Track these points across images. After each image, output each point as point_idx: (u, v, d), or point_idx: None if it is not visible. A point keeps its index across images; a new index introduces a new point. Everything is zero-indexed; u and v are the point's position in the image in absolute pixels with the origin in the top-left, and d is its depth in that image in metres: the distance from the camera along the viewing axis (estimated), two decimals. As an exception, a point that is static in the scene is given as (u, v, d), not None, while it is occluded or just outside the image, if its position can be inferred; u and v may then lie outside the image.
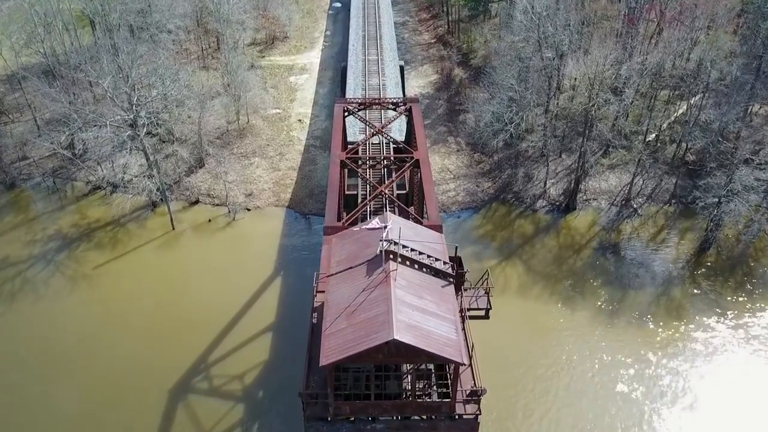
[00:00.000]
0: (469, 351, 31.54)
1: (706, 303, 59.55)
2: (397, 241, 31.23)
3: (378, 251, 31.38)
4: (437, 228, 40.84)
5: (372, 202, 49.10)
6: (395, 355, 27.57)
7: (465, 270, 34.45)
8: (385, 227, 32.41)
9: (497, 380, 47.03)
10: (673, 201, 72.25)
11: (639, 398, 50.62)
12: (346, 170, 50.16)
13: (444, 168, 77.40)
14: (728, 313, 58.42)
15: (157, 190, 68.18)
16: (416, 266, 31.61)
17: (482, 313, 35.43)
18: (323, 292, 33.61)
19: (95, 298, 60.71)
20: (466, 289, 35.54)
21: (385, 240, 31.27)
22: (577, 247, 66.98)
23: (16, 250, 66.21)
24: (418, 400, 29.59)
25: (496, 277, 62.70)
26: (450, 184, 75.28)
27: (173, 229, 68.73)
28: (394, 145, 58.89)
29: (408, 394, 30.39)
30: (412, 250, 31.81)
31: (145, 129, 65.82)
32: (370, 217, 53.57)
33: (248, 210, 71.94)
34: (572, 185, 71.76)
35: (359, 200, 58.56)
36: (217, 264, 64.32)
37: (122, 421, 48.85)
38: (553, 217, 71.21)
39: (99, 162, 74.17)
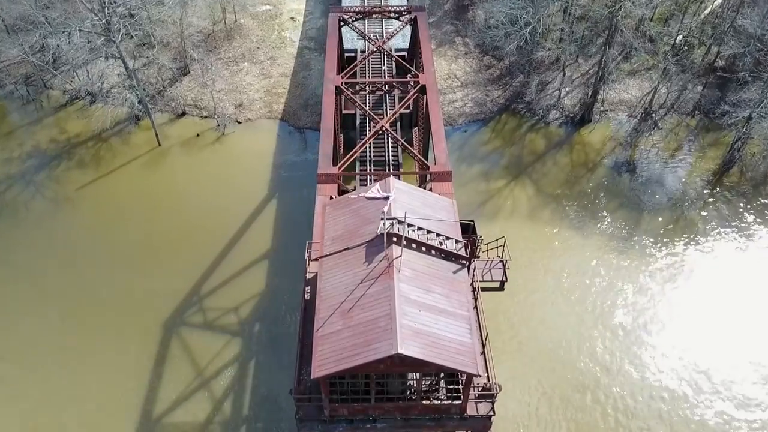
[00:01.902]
0: (482, 340, 28.13)
1: (725, 226, 56.16)
2: (402, 219, 26.76)
3: (379, 231, 27.05)
4: (446, 175, 36.46)
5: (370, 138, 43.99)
6: (399, 366, 24.13)
7: (479, 237, 30.37)
8: (387, 198, 27.83)
9: (492, 306, 43.77)
10: (697, 113, 66.72)
11: (639, 327, 48.48)
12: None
13: (450, 74, 71.05)
14: (748, 238, 55.19)
15: (139, 102, 62.53)
16: (423, 249, 27.41)
17: (497, 285, 31.71)
18: (317, 260, 29.86)
19: (79, 221, 57.10)
20: (478, 257, 31.54)
21: (387, 218, 26.80)
22: (591, 165, 62.57)
23: (-8, 169, 61.92)
24: (425, 401, 26.48)
25: (504, 199, 59.05)
26: (457, 93, 69.34)
27: (159, 145, 63.83)
28: (398, 54, 53.08)
29: (413, 392, 27.23)
30: (419, 228, 27.43)
31: (120, 34, 59.10)
32: (369, 148, 49.39)
33: (239, 123, 66.65)
34: (589, 95, 65.96)
35: (357, 123, 53.60)
36: (207, 184, 60.22)
37: (109, 355, 46.65)
38: (567, 130, 66.12)
39: (74, 69, 67.72)
